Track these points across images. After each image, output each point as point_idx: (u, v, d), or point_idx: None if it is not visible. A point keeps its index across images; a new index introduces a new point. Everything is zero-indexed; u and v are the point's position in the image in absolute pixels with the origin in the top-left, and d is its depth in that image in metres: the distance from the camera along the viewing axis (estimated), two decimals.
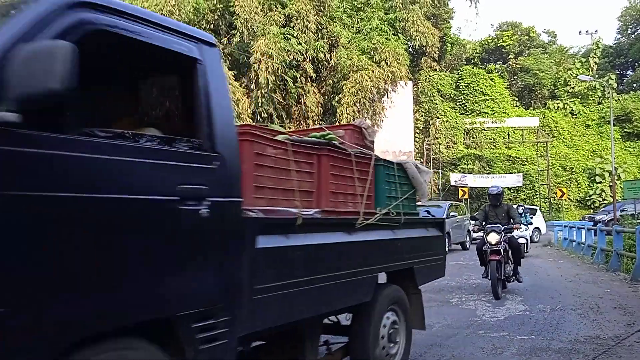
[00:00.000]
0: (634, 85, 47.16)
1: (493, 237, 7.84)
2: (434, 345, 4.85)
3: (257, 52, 23.32)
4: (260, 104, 24.14)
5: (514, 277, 8.23)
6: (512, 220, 8.25)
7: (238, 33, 23.78)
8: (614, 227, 12.06)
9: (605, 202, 33.83)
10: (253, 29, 23.52)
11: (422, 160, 34.14)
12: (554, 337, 5.18)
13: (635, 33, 50.56)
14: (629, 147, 37.90)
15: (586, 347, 4.74)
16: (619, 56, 49.96)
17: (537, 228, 21.52)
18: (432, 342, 5.00)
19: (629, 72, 51.59)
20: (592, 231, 14.74)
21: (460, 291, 8.38)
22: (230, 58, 25.31)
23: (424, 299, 6.82)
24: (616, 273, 10.38)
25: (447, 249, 13.19)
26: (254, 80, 23.94)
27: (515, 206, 10.90)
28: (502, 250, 7.75)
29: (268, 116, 25.22)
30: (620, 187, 29.92)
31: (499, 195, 8.51)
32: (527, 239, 14.10)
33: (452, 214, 16.86)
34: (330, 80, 27.62)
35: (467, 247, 17.97)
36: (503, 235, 7.95)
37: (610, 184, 31.84)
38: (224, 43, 25.36)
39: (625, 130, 37.90)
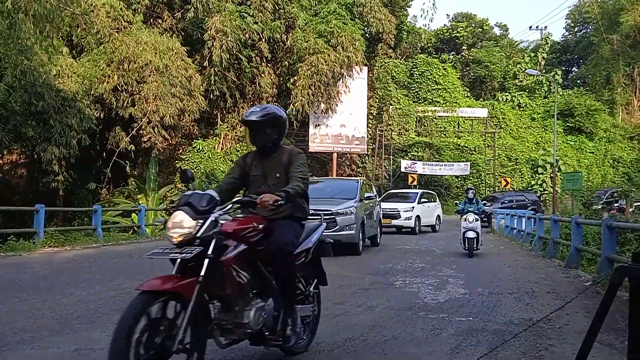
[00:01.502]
0: (578, 81, 49.22)
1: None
2: (376, 326, 4.94)
3: (211, 28, 22.85)
4: (213, 82, 23.70)
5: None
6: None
7: (192, 8, 23.20)
8: (551, 217, 12.60)
9: (546, 192, 35.30)
10: (208, 4, 22.97)
11: (373, 145, 34.55)
12: (490, 319, 5.37)
13: (582, 31, 52.57)
14: (570, 140, 39.60)
15: (519, 328, 4.94)
16: (566, 53, 51.92)
17: (438, 216, 21.51)
18: (374, 323, 5.09)
19: (574, 68, 53.74)
20: (532, 219, 15.34)
21: (405, 274, 8.57)
22: (183, 34, 24.68)
23: (370, 282, 6.87)
24: (552, 260, 10.86)
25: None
26: (207, 58, 23.47)
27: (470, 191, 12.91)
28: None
29: (221, 95, 24.82)
30: (560, 179, 31.30)
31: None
32: (477, 232, 11.59)
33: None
34: (286, 62, 27.44)
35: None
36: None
37: (551, 175, 33.22)
38: (177, 18, 24.68)
39: (568, 124, 39.54)
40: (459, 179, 35.67)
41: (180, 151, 25.43)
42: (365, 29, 31.14)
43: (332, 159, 31.32)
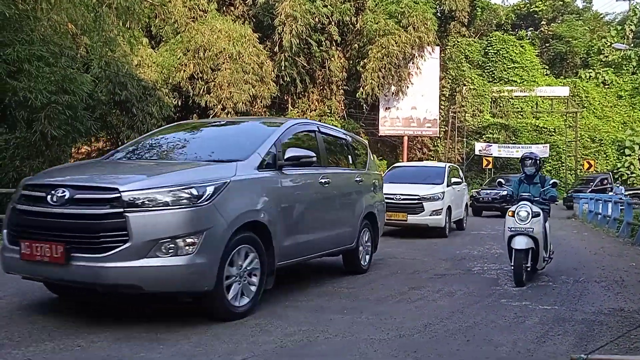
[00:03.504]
0: None
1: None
2: (456, 312, 4.85)
3: (281, 14, 23.02)
4: (284, 67, 23.94)
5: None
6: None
7: None
8: None
9: (633, 175, 33.09)
10: None
11: (446, 128, 33.69)
12: (577, 307, 5.13)
13: None
14: None
15: (610, 319, 4.69)
16: None
17: (467, 205, 15.11)
18: (454, 308, 5.00)
19: None
20: (619, 204, 14.45)
21: (483, 260, 8.34)
22: (254, 20, 25.04)
23: (446, 267, 6.82)
24: None
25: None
26: (278, 43, 23.70)
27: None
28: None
29: (291, 80, 25.04)
30: None
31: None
32: (536, 239, 6.42)
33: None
34: (356, 45, 27.20)
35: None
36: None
37: None
38: (248, 4, 25.05)
39: None
40: None
41: None
42: (437, 7, 30.26)
43: (402, 142, 30.87)
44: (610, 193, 21.94)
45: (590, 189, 24.43)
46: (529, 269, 6.30)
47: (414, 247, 9.84)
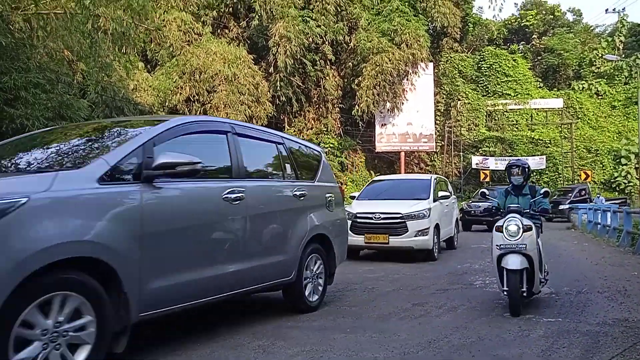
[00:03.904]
0: None
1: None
2: (460, 328, 4.81)
3: (275, 35, 23.24)
4: (279, 87, 24.11)
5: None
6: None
7: (257, 16, 23.69)
8: None
9: (631, 184, 33.18)
10: (271, 11, 23.38)
11: (442, 143, 33.82)
12: (581, 319, 5.10)
13: None
14: None
15: (614, 330, 4.66)
16: None
17: (457, 221, 13.55)
18: (457, 324, 4.96)
19: None
20: (618, 214, 14.46)
21: (484, 274, 8.31)
22: (249, 42, 25.28)
23: (448, 282, 6.73)
24: None
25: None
26: (272, 64, 23.89)
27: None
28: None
29: (287, 99, 25.19)
30: None
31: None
32: (530, 257, 5.54)
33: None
34: (350, 63, 27.44)
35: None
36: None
37: (637, 165, 31.18)
38: (242, 27, 25.31)
39: None
40: (535, 173, 34.21)
41: None
42: (430, 24, 30.61)
43: (399, 158, 30.97)
44: (592, 204, 22.08)
45: (569, 200, 24.48)
46: (524, 293, 5.37)
47: (414, 262, 9.78)
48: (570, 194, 25.94)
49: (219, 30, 25.10)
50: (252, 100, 21.57)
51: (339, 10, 26.18)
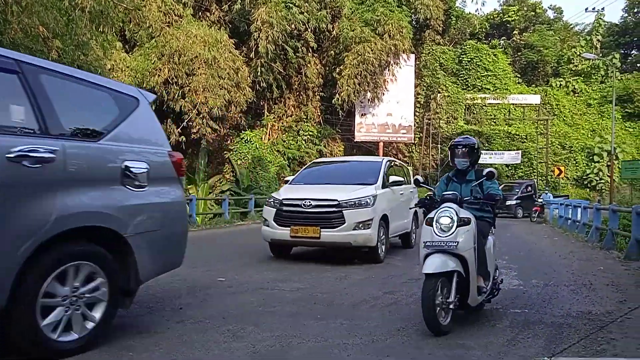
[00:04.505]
0: (638, 65, 46.78)
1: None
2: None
3: (257, 20, 22.99)
4: (260, 73, 23.91)
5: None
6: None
7: (239, 0, 23.37)
8: (610, 206, 12.11)
9: (602, 181, 33.94)
10: None
11: (421, 134, 34.04)
12: (547, 311, 5.23)
13: None
14: (629, 127, 37.83)
15: (578, 322, 4.79)
16: (624, 35, 49.41)
17: (415, 214, 11.02)
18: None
19: (633, 51, 51.09)
20: (588, 209, 14.79)
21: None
22: (230, 26, 24.96)
23: (421, 272, 6.76)
24: (610, 252, 10.45)
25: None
26: (254, 49, 23.65)
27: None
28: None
29: (268, 86, 25.01)
30: (618, 167, 29.99)
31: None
32: (466, 259, 4.39)
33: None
34: (332, 52, 27.35)
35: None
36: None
37: (608, 163, 31.88)
38: (224, 10, 24.97)
39: (626, 110, 37.78)
40: (510, 167, 34.74)
41: (229, 142, 25.82)
42: (413, 15, 30.65)
43: (378, 148, 31.10)
44: (540, 200, 22.55)
45: (516, 196, 24.78)
46: (451, 306, 4.24)
47: (388, 251, 9.83)
48: (517, 190, 26.09)
49: (200, 13, 24.73)
50: (232, 85, 21.35)
51: None
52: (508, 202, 24.27)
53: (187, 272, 7.10)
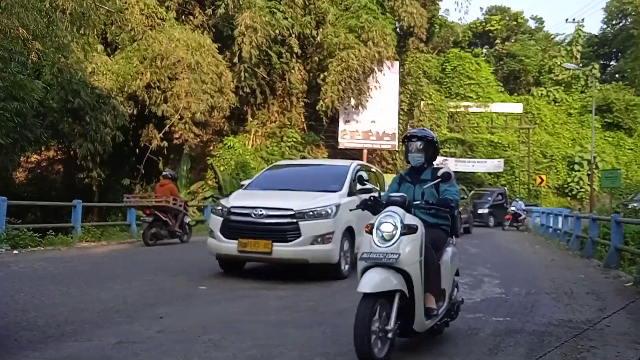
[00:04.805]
0: (617, 75, 47.76)
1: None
2: None
3: (241, 25, 22.89)
4: (243, 78, 23.79)
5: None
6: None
7: (223, 4, 23.28)
8: (590, 215, 12.26)
9: (582, 190, 34.42)
10: (238, 1, 23.01)
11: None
12: (529, 319, 5.24)
13: (620, 24, 50.93)
14: (608, 136, 38.49)
15: (559, 330, 4.81)
16: (604, 46, 50.41)
17: None
18: None
19: (612, 62, 52.14)
20: (569, 218, 14.97)
21: None
22: (214, 30, 24.83)
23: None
24: (590, 260, 10.57)
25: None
26: (237, 54, 23.55)
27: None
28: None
29: (251, 91, 24.91)
30: (598, 176, 30.45)
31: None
32: (411, 280, 3.62)
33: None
34: (316, 58, 27.34)
35: None
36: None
37: (589, 172, 32.36)
38: (208, 14, 24.85)
39: (606, 120, 38.44)
40: (492, 176, 35.06)
41: (212, 147, 25.64)
42: (397, 23, 30.80)
43: (362, 155, 31.14)
44: (512, 208, 22.68)
45: (488, 204, 24.80)
46: (389, 335, 3.46)
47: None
48: (489, 197, 25.99)
49: (183, 17, 24.57)
50: (215, 90, 21.21)
51: (307, 3, 26.02)
52: (480, 211, 24.38)
53: (167, 280, 6.99)
